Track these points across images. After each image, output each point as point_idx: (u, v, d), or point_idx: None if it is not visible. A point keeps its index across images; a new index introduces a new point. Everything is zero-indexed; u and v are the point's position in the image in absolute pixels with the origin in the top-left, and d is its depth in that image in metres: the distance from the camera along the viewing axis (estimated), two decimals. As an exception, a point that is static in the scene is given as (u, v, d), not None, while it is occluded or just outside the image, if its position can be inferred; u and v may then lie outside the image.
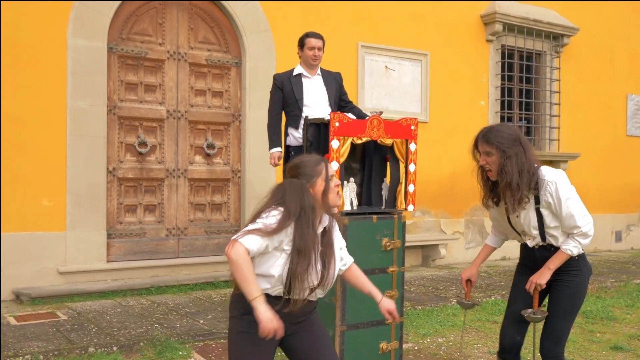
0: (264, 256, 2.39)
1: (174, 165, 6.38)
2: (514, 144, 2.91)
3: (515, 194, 2.84)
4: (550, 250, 2.95)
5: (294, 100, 4.67)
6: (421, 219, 8.09)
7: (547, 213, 2.89)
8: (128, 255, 6.09)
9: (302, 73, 4.76)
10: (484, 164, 2.92)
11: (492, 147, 2.88)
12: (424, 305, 5.59)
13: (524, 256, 3.12)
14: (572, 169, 9.30)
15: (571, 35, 9.19)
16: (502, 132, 2.94)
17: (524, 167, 2.87)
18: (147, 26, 6.27)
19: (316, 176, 2.51)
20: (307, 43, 4.73)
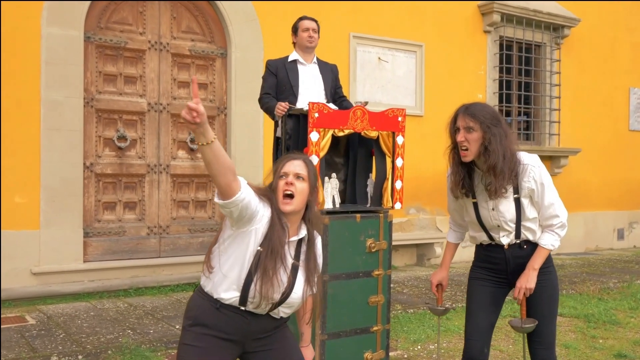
0: (234, 240, 2.15)
1: (155, 160, 6.10)
2: (497, 123, 2.61)
3: (498, 180, 2.55)
4: (523, 249, 2.67)
5: (289, 86, 4.34)
6: (416, 216, 7.80)
7: (527, 203, 2.62)
8: (106, 255, 5.81)
9: (297, 59, 4.45)
10: (462, 141, 2.59)
11: (476, 122, 2.57)
12: (416, 308, 5.31)
13: (484, 259, 2.78)
14: (573, 164, 9.02)
15: (572, 26, 8.89)
16: (486, 108, 2.65)
17: (507, 150, 2.58)
18: (127, 15, 5.97)
19: (274, 173, 2.29)
20: (301, 25, 4.42)
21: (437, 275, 2.95)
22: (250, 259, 2.13)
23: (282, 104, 3.78)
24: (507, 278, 2.73)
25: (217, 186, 2.02)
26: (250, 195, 2.09)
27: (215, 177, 1.99)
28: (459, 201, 2.79)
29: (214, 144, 1.93)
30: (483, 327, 2.73)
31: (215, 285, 2.17)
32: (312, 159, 3.29)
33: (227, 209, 2.06)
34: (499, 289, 2.77)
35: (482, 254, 2.79)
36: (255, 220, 2.13)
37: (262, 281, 2.11)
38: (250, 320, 2.17)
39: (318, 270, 2.36)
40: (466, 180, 2.68)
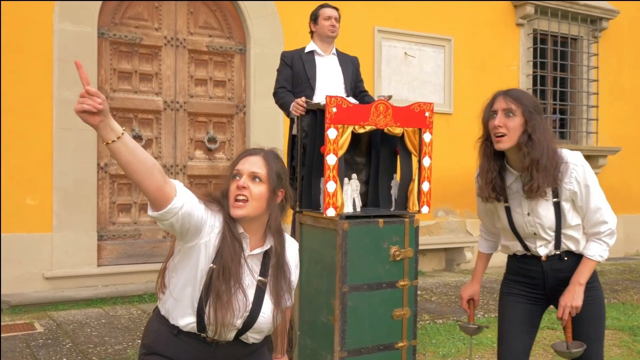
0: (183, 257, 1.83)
1: (171, 160, 5.87)
2: (540, 112, 2.27)
3: (540, 177, 2.19)
4: (564, 261, 2.32)
5: (305, 78, 4.05)
6: (445, 219, 7.45)
7: (568, 207, 2.27)
8: (121, 259, 5.60)
9: (315, 50, 4.15)
10: (499, 127, 2.22)
11: (519, 105, 2.22)
12: (446, 318, 4.97)
13: (518, 272, 2.43)
14: (612, 164, 8.55)
15: (610, 18, 8.43)
16: (528, 94, 2.31)
17: (550, 143, 2.23)
18: (142, 10, 5.76)
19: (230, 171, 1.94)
20: (322, 14, 4.13)
21: (468, 290, 2.62)
22: (201, 279, 1.79)
23: (299, 102, 3.48)
24: (544, 294, 2.39)
25: (147, 193, 1.68)
26: (191, 201, 1.76)
27: (142, 182, 1.65)
28: (489, 205, 2.45)
29: (125, 137, 1.61)
30: (518, 350, 2.39)
31: (169, 309, 1.85)
32: (330, 159, 3.00)
33: (166, 221, 1.72)
34: (536, 307, 2.42)
35: (515, 266, 2.45)
36: (204, 232, 1.80)
37: (215, 306, 1.77)
38: (215, 348, 1.85)
39: (291, 287, 2.02)
40: (497, 180, 2.33)
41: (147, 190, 1.67)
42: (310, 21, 4.17)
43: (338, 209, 3.06)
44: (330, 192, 3.01)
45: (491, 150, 2.31)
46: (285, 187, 1.98)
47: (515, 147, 2.25)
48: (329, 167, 3.00)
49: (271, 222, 1.93)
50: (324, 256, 3.17)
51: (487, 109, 2.33)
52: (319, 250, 3.23)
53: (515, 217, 2.35)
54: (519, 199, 2.32)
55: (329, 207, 3.02)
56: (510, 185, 2.35)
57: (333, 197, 3.03)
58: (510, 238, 2.41)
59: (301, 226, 3.37)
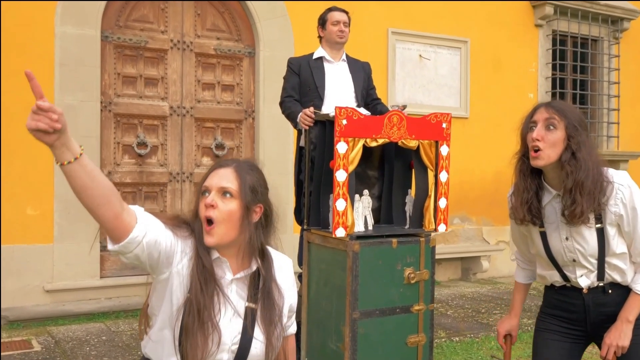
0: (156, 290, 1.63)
1: (178, 168, 5.68)
2: (585, 128, 2.03)
3: (585, 201, 1.95)
4: (607, 294, 2.07)
5: (314, 87, 3.82)
6: (460, 226, 7.20)
7: (613, 233, 2.03)
8: (125, 270, 5.41)
9: (324, 56, 3.92)
10: (537, 140, 1.98)
11: (562, 117, 1.98)
12: (462, 335, 4.73)
13: (556, 305, 2.18)
14: (634, 169, 8.23)
15: (632, 18, 8.12)
16: (570, 106, 2.07)
17: (596, 163, 1.99)
18: (147, 12, 5.57)
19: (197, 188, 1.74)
20: (330, 18, 3.89)
21: (505, 324, 2.36)
22: (178, 314, 1.58)
23: (307, 112, 3.26)
24: (585, 331, 2.15)
25: (104, 223, 1.47)
26: (155, 228, 1.54)
27: (98, 209, 1.45)
28: (522, 228, 2.21)
29: (84, 158, 1.42)
30: None
31: (152, 349, 1.65)
32: (340, 175, 2.79)
33: (130, 254, 1.51)
34: (576, 345, 2.18)
35: (553, 299, 2.21)
36: (175, 259, 1.58)
37: (190, 345, 1.56)
38: None
39: (285, 311, 1.78)
40: (534, 201, 2.09)
41: (104, 219, 1.47)
42: (318, 26, 3.95)
43: (348, 228, 2.84)
44: (340, 211, 2.80)
45: (528, 167, 2.08)
46: (263, 202, 1.74)
47: (555, 164, 2.01)
48: (339, 183, 2.78)
49: (253, 242, 1.70)
50: (333, 278, 2.96)
51: (526, 121, 2.09)
52: (328, 271, 3.01)
53: (551, 242, 2.11)
54: (557, 222, 2.08)
55: (339, 226, 2.81)
56: (547, 205, 2.10)
57: (343, 216, 2.81)
58: (547, 266, 2.17)
59: (309, 245, 3.15)
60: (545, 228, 2.11)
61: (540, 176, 2.09)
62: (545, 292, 2.26)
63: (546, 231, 2.11)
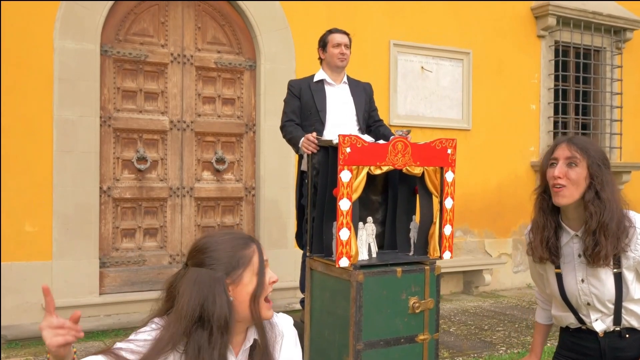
0: None
1: (178, 182, 5.63)
2: (608, 166, 1.96)
3: (609, 243, 1.89)
4: (624, 339, 2.00)
5: (315, 111, 3.77)
6: (463, 239, 7.14)
7: (632, 278, 1.97)
8: (125, 287, 5.36)
9: (325, 79, 3.86)
10: (558, 177, 1.92)
11: (584, 155, 1.92)
12: (466, 355, 4.67)
13: (571, 347, 2.12)
14: (637, 181, 8.20)
15: (635, 29, 8.08)
16: (593, 143, 2.01)
17: (619, 204, 1.93)
18: (147, 25, 5.52)
19: (241, 267, 1.55)
20: (331, 40, 3.84)
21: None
22: None
23: (310, 137, 3.21)
24: None
25: None
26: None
27: None
28: (538, 267, 2.15)
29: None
30: None
31: None
32: (344, 203, 2.73)
33: None
34: None
35: (568, 341, 2.14)
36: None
37: None
38: None
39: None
40: (553, 240, 2.02)
41: None
42: (318, 47, 3.89)
43: (352, 258, 2.79)
44: (344, 241, 2.74)
45: (548, 205, 2.01)
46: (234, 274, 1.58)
47: (577, 203, 1.95)
48: (343, 213, 2.73)
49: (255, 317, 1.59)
50: (336, 308, 2.91)
51: (546, 157, 2.02)
52: (331, 300, 2.96)
53: (567, 283, 2.05)
54: (573, 263, 2.02)
55: (342, 256, 2.76)
56: (564, 245, 2.05)
57: (347, 246, 2.76)
58: (562, 308, 2.11)
59: (312, 272, 3.10)
60: (562, 269, 2.05)
61: (558, 214, 2.04)
62: (561, 333, 2.21)
63: (562, 272, 2.05)
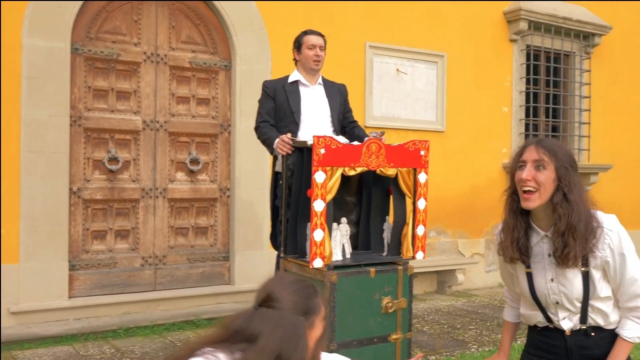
0: None
1: (151, 183, 5.56)
2: (575, 168, 1.99)
3: (578, 245, 1.92)
4: (590, 337, 2.04)
5: (289, 112, 3.76)
6: (436, 239, 7.20)
7: (599, 277, 2.00)
8: (95, 290, 5.28)
9: (299, 80, 3.85)
10: (527, 180, 1.95)
11: (552, 157, 1.95)
12: (438, 354, 4.70)
13: (539, 346, 2.15)
14: (604, 181, 8.36)
15: (603, 34, 8.25)
16: (561, 145, 2.03)
17: (586, 206, 1.96)
18: (119, 24, 5.45)
19: (315, 313, 1.51)
20: (306, 41, 3.83)
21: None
22: None
23: (284, 139, 3.21)
24: None
25: None
26: None
27: None
28: (508, 266, 2.17)
29: None
30: None
31: None
32: (318, 204, 2.73)
33: None
34: None
35: (536, 339, 2.17)
36: None
37: None
38: None
39: None
40: (524, 240, 2.04)
41: None
42: (293, 49, 3.88)
43: (326, 258, 2.78)
44: (318, 241, 2.74)
45: (518, 206, 2.03)
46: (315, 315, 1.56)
47: (545, 205, 1.97)
48: (317, 213, 2.73)
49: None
50: (310, 309, 2.90)
51: (515, 158, 2.04)
52: (305, 301, 2.95)
53: (537, 282, 2.07)
54: (543, 262, 2.05)
55: (316, 257, 2.75)
56: (534, 245, 2.07)
57: (320, 247, 2.75)
58: (531, 306, 2.14)
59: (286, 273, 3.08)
60: (532, 269, 2.07)
61: (528, 215, 2.06)
62: (529, 332, 2.23)
63: (532, 272, 2.07)
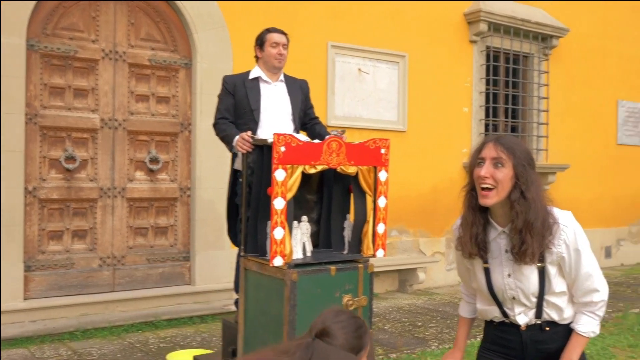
0: None
1: (109, 183, 5.46)
2: (533, 166, 2.02)
3: (535, 242, 1.95)
4: (545, 331, 2.08)
5: (249, 109, 3.72)
6: (398, 238, 7.26)
7: (554, 272, 2.03)
8: (52, 291, 5.16)
9: (260, 77, 3.81)
10: (485, 177, 1.97)
11: (510, 155, 1.96)
12: (399, 352, 4.75)
13: (495, 340, 2.18)
14: (561, 181, 8.57)
15: (560, 36, 8.45)
16: (519, 143, 2.06)
17: (543, 203, 2.00)
18: (77, 20, 5.34)
19: (364, 349, 1.61)
20: (269, 39, 3.79)
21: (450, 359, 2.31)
22: None
23: (244, 137, 3.18)
24: None
25: None
26: None
27: None
28: (466, 261, 2.19)
29: None
30: None
31: None
32: (278, 202, 2.72)
33: None
34: None
35: (492, 334, 2.20)
36: None
37: None
38: None
39: None
40: (482, 236, 2.06)
41: None
42: (255, 45, 3.84)
43: (286, 257, 2.78)
44: (278, 240, 2.73)
45: (477, 202, 2.04)
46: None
47: (503, 202, 2.00)
48: (277, 212, 2.72)
49: None
50: (270, 308, 2.89)
51: (474, 155, 2.05)
52: (265, 300, 2.94)
53: (494, 277, 2.09)
54: (500, 258, 2.07)
55: (276, 255, 2.74)
56: (492, 241, 2.09)
57: (281, 245, 2.75)
58: (487, 302, 2.16)
59: (246, 272, 3.07)
60: (489, 264, 2.10)
61: (487, 211, 2.09)
62: (485, 327, 2.26)
63: (490, 267, 2.10)
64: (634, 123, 9.73)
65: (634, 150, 9.71)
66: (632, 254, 9.75)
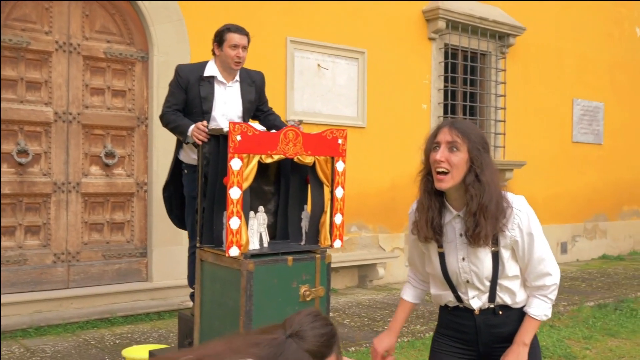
0: None
1: (63, 177, 5.33)
2: (487, 150, 2.04)
3: (489, 224, 1.97)
4: (498, 315, 2.11)
5: (199, 111, 3.59)
6: (357, 234, 7.30)
7: (508, 256, 2.06)
8: (4, 288, 4.99)
9: (216, 76, 3.68)
10: (440, 161, 1.98)
11: (465, 139, 1.98)
12: (358, 345, 4.77)
13: (449, 325, 2.21)
14: (518, 178, 8.74)
15: (517, 35, 8.62)
16: (474, 127, 2.08)
17: (497, 187, 2.02)
18: (29, 11, 5.19)
19: (328, 356, 1.60)
20: (229, 40, 3.61)
21: (383, 342, 2.30)
22: None
23: (200, 127, 3.13)
24: (478, 351, 2.17)
25: None
26: None
27: None
28: (421, 246, 2.20)
29: None
30: None
31: None
32: (234, 192, 2.70)
33: None
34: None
35: (446, 319, 2.22)
36: None
37: None
38: None
39: None
40: (437, 220, 2.08)
41: None
42: (214, 42, 3.71)
43: (242, 247, 2.76)
44: (234, 230, 2.71)
45: (432, 186, 2.06)
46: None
47: (458, 186, 2.01)
48: (233, 201, 2.70)
49: None
50: (227, 299, 2.86)
51: (430, 140, 2.07)
52: (221, 291, 2.91)
53: (448, 261, 2.11)
54: (455, 242, 2.09)
55: (232, 245, 2.72)
56: (447, 224, 2.11)
57: (237, 235, 2.72)
58: (442, 286, 2.18)
59: (202, 263, 3.03)
60: (444, 248, 2.12)
61: (442, 195, 2.10)
62: (440, 312, 2.28)
63: (444, 251, 2.12)
64: (589, 121, 10.00)
65: (588, 148, 9.99)
66: (587, 250, 10.02)
